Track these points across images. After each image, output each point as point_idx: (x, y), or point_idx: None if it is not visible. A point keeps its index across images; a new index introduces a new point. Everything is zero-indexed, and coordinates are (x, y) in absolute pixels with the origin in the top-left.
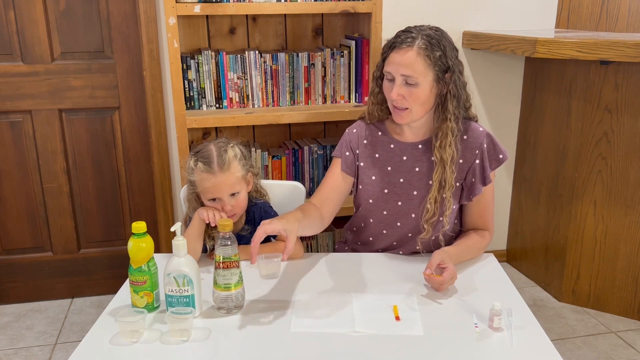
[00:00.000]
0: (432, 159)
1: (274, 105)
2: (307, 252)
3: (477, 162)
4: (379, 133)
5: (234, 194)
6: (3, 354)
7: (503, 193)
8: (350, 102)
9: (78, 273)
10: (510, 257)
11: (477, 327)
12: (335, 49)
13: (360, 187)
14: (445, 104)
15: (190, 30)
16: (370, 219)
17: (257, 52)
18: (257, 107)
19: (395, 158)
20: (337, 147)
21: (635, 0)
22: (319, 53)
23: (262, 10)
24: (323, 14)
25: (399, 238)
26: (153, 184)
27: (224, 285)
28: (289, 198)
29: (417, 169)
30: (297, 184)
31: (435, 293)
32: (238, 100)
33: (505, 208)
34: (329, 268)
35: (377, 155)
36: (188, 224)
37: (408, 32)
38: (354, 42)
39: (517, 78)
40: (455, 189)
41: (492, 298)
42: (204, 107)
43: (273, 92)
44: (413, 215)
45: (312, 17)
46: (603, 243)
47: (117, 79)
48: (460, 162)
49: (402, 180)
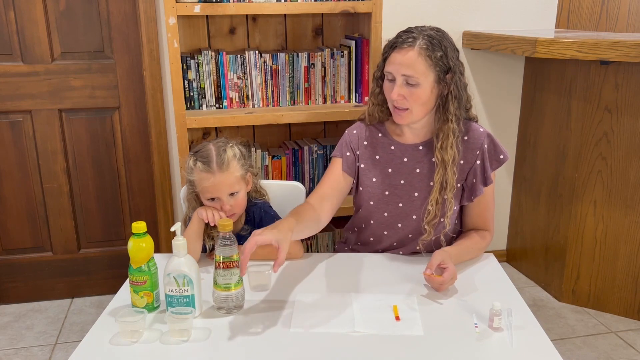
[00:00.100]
0: (432, 160)
1: (274, 105)
2: (307, 252)
3: (477, 162)
4: (379, 134)
5: (233, 194)
6: (3, 354)
7: (503, 193)
8: (350, 102)
9: (78, 273)
10: (510, 257)
11: (477, 327)
12: (335, 49)
13: (361, 188)
14: (447, 105)
15: (190, 30)
16: (371, 220)
17: (257, 52)
18: (257, 107)
19: (396, 160)
20: (336, 147)
21: (635, 0)
22: (319, 53)
23: (262, 10)
24: (323, 14)
25: (400, 239)
26: (153, 184)
27: (224, 285)
28: (289, 198)
29: (417, 170)
30: (297, 184)
31: (435, 293)
32: (238, 100)
33: (505, 208)
34: (329, 268)
35: (377, 157)
36: (188, 224)
37: (409, 32)
38: (354, 42)
39: (517, 78)
40: (456, 190)
41: (492, 298)
42: (204, 107)
43: (273, 92)
44: (414, 217)
45: (312, 17)
46: (603, 243)
47: (117, 79)
48: (461, 163)
49: (402, 182)
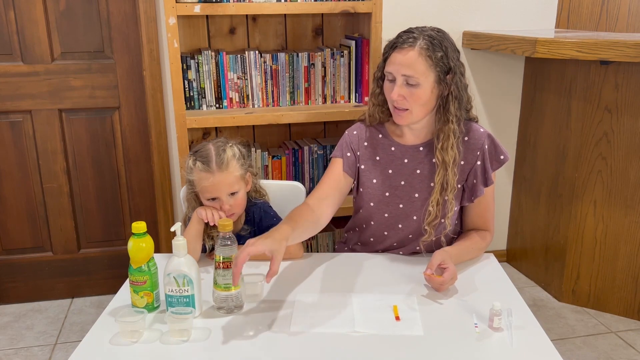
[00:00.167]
0: (433, 161)
1: (274, 105)
2: (307, 252)
3: (478, 163)
4: (380, 135)
5: (233, 194)
6: (3, 354)
7: (503, 193)
8: (350, 102)
9: (78, 273)
10: (510, 257)
11: (477, 327)
12: (335, 49)
13: (361, 189)
14: (447, 106)
15: (190, 30)
16: (372, 221)
17: (257, 52)
18: (257, 107)
19: (397, 161)
20: (336, 147)
21: (635, 0)
22: (319, 53)
23: (262, 10)
24: (323, 14)
25: (400, 239)
26: (153, 184)
27: (224, 285)
28: (289, 198)
29: (418, 171)
30: (297, 184)
31: (436, 293)
32: (238, 100)
33: (505, 208)
34: (329, 268)
35: (377, 158)
36: (188, 224)
37: (410, 32)
38: (354, 42)
39: (517, 78)
40: (457, 191)
41: (492, 298)
42: (204, 107)
43: (273, 92)
44: (415, 218)
45: (312, 17)
46: (603, 243)
47: (117, 79)
48: (462, 163)
49: (403, 183)
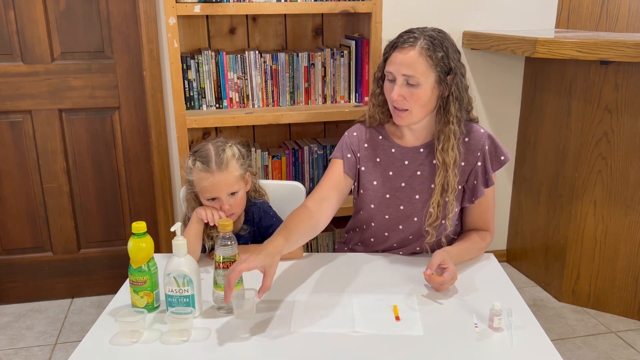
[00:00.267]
0: (433, 162)
1: (274, 105)
2: (307, 252)
3: (479, 164)
4: (380, 137)
5: (233, 194)
6: (3, 354)
7: (503, 193)
8: (350, 102)
9: (78, 273)
10: (510, 257)
11: (477, 327)
12: (335, 49)
13: (362, 191)
14: (448, 107)
15: (190, 30)
16: (372, 223)
17: (257, 52)
18: (257, 107)
19: (397, 162)
20: (336, 149)
21: (635, 0)
22: (319, 53)
23: (262, 10)
24: (323, 14)
25: (400, 240)
26: (153, 184)
27: (224, 285)
28: (289, 198)
29: (418, 173)
30: (297, 184)
31: (436, 293)
32: (238, 100)
33: (505, 208)
34: (329, 268)
35: (378, 160)
36: (187, 224)
37: (410, 32)
38: (354, 42)
39: (517, 78)
40: (457, 192)
41: (492, 298)
42: (204, 107)
43: (273, 92)
44: (415, 219)
45: (312, 17)
46: (603, 243)
47: (117, 79)
48: (462, 164)
49: (403, 185)
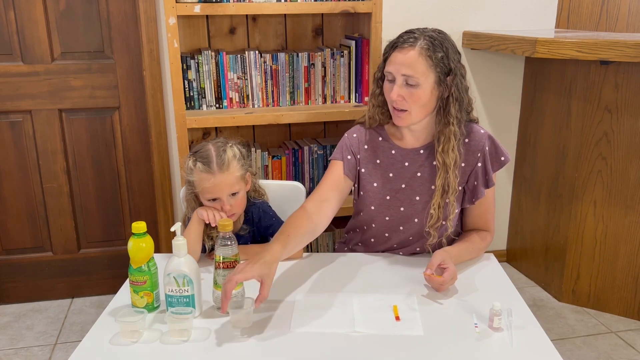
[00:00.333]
0: (434, 164)
1: (274, 105)
2: (307, 252)
3: (479, 165)
4: (380, 138)
5: (233, 194)
6: (3, 354)
7: (503, 193)
8: (350, 102)
9: (78, 273)
10: (510, 257)
11: (477, 327)
12: (335, 49)
13: (362, 193)
14: (448, 108)
15: (190, 30)
16: (373, 224)
17: (257, 52)
18: (257, 107)
19: (397, 164)
20: (336, 150)
21: (635, 0)
22: (319, 53)
23: (262, 10)
24: (323, 14)
25: (401, 241)
26: (153, 184)
27: None
28: (289, 198)
29: (419, 174)
30: (297, 184)
31: (436, 293)
32: (238, 100)
33: (505, 208)
34: (329, 268)
35: (378, 161)
36: (187, 224)
37: (411, 32)
38: (354, 42)
39: (517, 78)
40: (458, 193)
41: (492, 298)
42: (204, 107)
43: (273, 92)
44: (416, 220)
45: (312, 17)
46: (603, 243)
47: (117, 79)
48: (463, 165)
49: (403, 186)
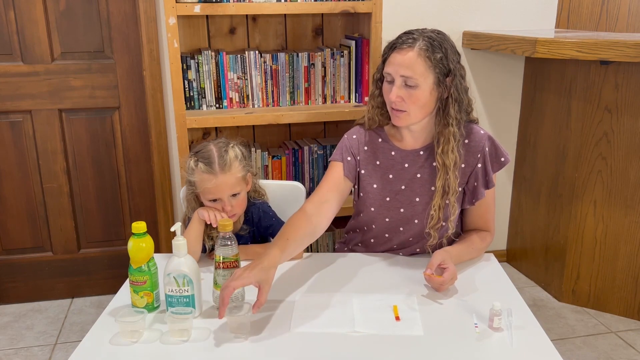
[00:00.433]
0: (433, 165)
1: (274, 105)
2: (307, 252)
3: (479, 166)
4: (379, 140)
5: (234, 195)
6: (3, 354)
7: (503, 193)
8: (350, 102)
9: (78, 273)
10: (510, 257)
11: (477, 327)
12: (335, 49)
13: (362, 194)
14: (447, 109)
15: (190, 30)
16: (373, 225)
17: (257, 52)
18: (257, 107)
19: (397, 165)
20: (335, 151)
21: (635, 0)
22: (319, 53)
23: (262, 10)
24: (323, 14)
25: (401, 241)
26: (153, 184)
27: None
28: (289, 198)
29: (418, 176)
30: (297, 184)
31: (436, 293)
32: (238, 100)
33: (505, 208)
34: (329, 268)
35: (377, 163)
36: (187, 224)
37: (410, 33)
38: (354, 42)
39: (517, 78)
40: (458, 194)
41: (492, 298)
42: (204, 107)
43: (273, 92)
44: (416, 221)
45: (312, 17)
46: (603, 243)
47: (117, 79)
48: (463, 166)
49: (403, 188)
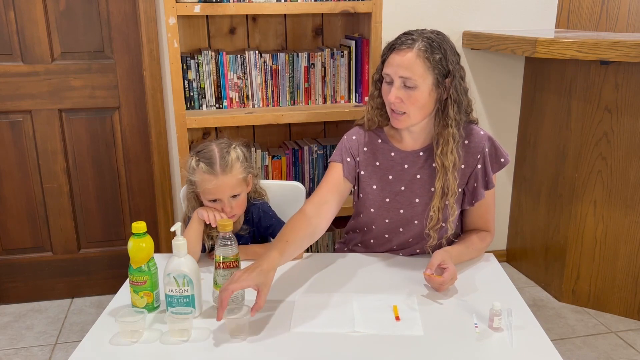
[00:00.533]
0: (433, 166)
1: (274, 105)
2: (307, 252)
3: (479, 166)
4: (379, 140)
5: (235, 196)
6: (3, 354)
7: (503, 193)
8: (350, 102)
9: (78, 273)
10: (510, 257)
11: (477, 327)
12: (335, 49)
13: (362, 195)
14: (446, 110)
15: (190, 30)
16: (373, 226)
17: (257, 52)
18: (257, 107)
19: (397, 167)
20: (335, 152)
21: (635, 0)
22: (319, 53)
23: (262, 10)
24: (323, 14)
25: (401, 242)
26: (153, 184)
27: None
28: (289, 198)
29: (418, 177)
30: (297, 184)
31: (436, 293)
32: (238, 100)
33: (505, 208)
34: (329, 268)
35: (377, 164)
36: (187, 224)
37: (409, 34)
38: (354, 42)
39: (517, 78)
40: (458, 195)
41: (492, 298)
42: (204, 107)
43: (273, 92)
44: (416, 222)
45: (312, 17)
46: (603, 243)
47: (117, 79)
48: (462, 167)
49: (403, 189)
